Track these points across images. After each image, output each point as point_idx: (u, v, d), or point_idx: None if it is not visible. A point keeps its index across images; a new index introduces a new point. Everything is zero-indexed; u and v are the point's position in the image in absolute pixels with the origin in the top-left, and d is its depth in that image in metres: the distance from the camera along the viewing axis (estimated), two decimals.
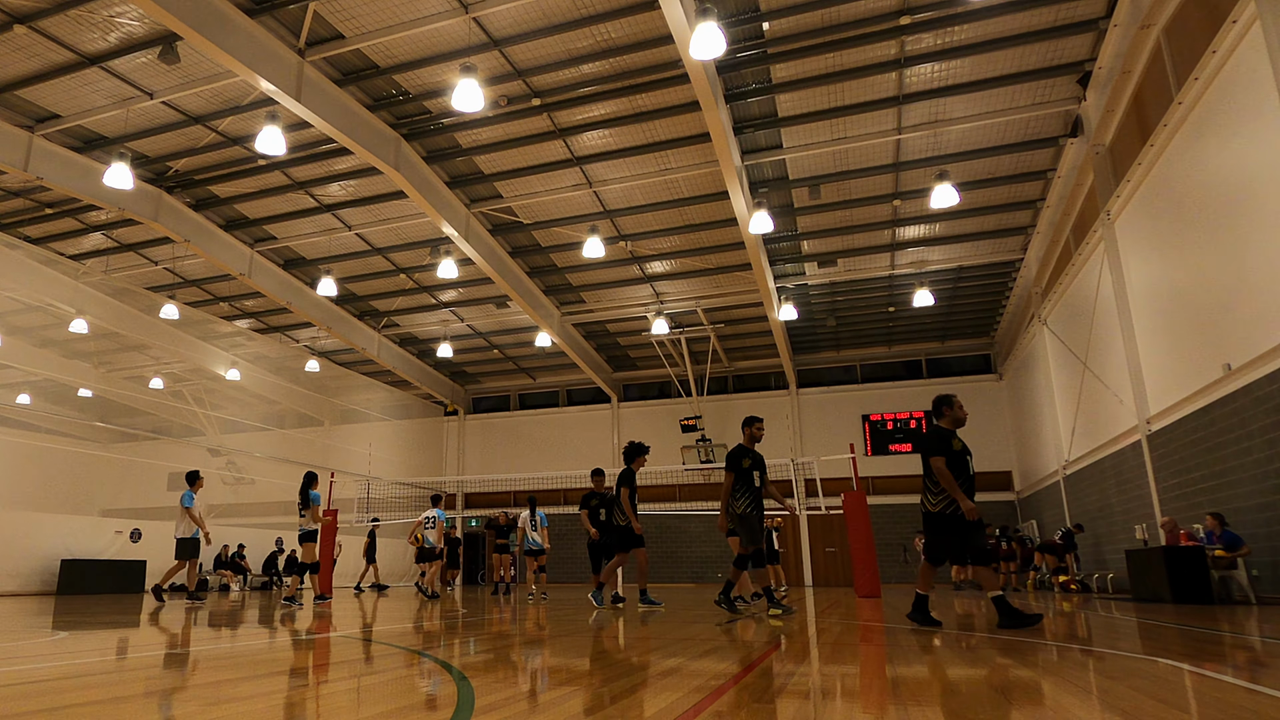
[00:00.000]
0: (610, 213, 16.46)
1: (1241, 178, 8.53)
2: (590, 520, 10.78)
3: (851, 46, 11.67)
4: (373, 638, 5.22)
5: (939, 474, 5.73)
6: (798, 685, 2.93)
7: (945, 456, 5.77)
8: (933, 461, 5.79)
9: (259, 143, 11.98)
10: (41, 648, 4.50)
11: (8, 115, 13.29)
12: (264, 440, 26.89)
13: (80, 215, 16.75)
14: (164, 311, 18.24)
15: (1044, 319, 17.09)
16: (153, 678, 3.21)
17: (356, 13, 11.25)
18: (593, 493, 10.94)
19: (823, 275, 18.99)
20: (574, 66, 12.30)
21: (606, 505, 10.63)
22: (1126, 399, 12.23)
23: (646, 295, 20.44)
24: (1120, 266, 12.15)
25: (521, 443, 26.52)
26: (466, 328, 22.73)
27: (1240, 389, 8.85)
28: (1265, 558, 8.70)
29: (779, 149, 14.08)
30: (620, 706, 2.49)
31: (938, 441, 5.87)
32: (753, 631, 5.56)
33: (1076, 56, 11.80)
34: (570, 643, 4.77)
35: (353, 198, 16.30)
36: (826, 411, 23.58)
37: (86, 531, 15.82)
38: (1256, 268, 8.38)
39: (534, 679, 3.15)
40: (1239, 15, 8.10)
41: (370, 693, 2.80)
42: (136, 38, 11.65)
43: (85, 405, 26.77)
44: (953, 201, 13.70)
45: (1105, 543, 14.35)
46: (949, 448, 5.81)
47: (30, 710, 2.39)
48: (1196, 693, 2.77)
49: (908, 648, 4.33)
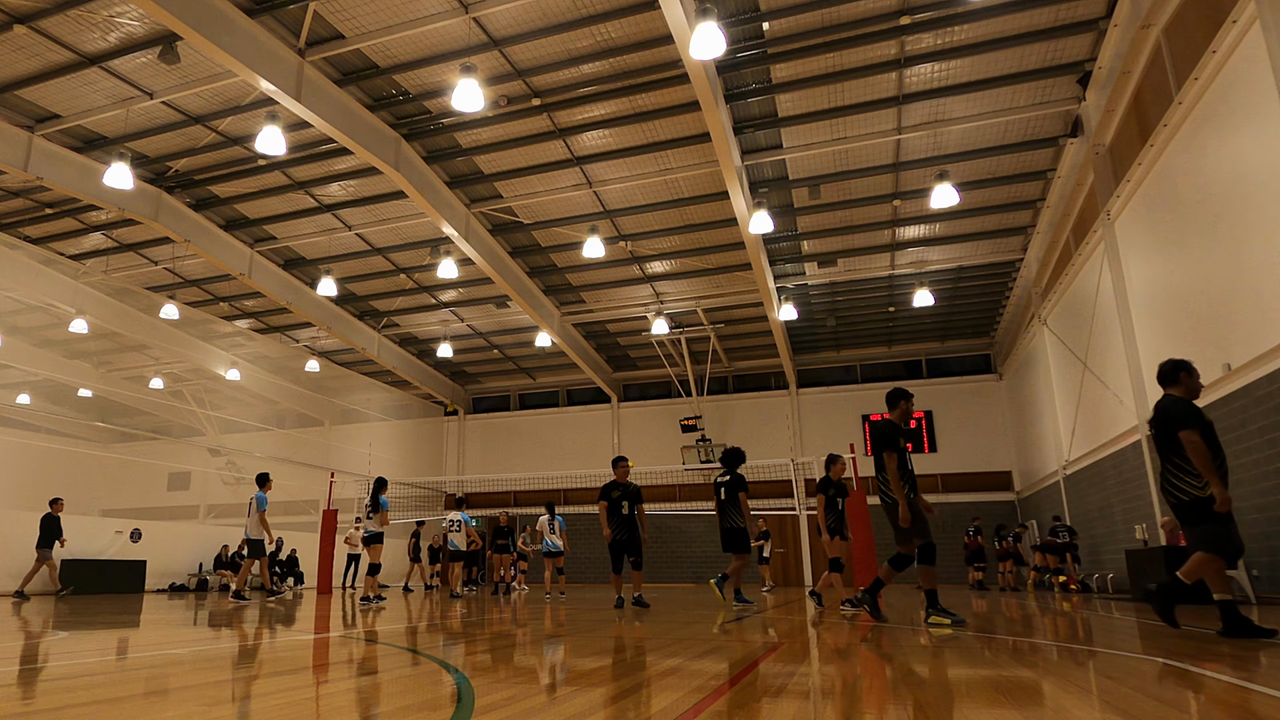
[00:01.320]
0: (610, 213, 16.46)
1: (1241, 178, 8.53)
2: (611, 513, 9.41)
3: (851, 46, 11.67)
4: (380, 638, 5.22)
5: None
6: (798, 685, 2.93)
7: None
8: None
9: (259, 143, 11.98)
10: (42, 647, 4.50)
11: (8, 115, 13.29)
12: (264, 440, 26.89)
13: (80, 215, 16.75)
14: (164, 311, 18.24)
15: (1044, 319, 17.09)
16: (153, 676, 3.21)
17: (356, 13, 11.24)
18: (615, 483, 9.56)
19: (823, 275, 18.99)
20: (574, 66, 12.30)
21: (630, 498, 9.43)
22: (1126, 399, 12.22)
23: (646, 295, 20.44)
24: (1120, 266, 12.15)
25: (521, 443, 26.52)
26: (466, 328, 22.73)
27: (1240, 389, 8.85)
28: (1265, 558, 8.70)
29: (779, 149, 14.08)
30: (620, 706, 2.49)
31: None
32: (758, 631, 5.56)
33: (1076, 56, 11.80)
34: (571, 643, 4.77)
35: (353, 198, 16.30)
36: (826, 411, 23.58)
37: (86, 531, 15.81)
38: (1256, 268, 8.38)
39: (534, 679, 3.15)
40: (1239, 15, 8.10)
41: (369, 692, 2.80)
42: (136, 38, 11.65)
43: (85, 405, 26.77)
44: (953, 201, 13.70)
45: (1105, 543, 14.35)
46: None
47: (30, 710, 2.39)
48: (1196, 693, 2.77)
49: (908, 648, 4.33)
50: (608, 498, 9.47)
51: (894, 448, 6.07)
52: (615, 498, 9.43)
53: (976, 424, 22.24)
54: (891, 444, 6.09)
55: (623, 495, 9.42)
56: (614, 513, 9.38)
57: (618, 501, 9.40)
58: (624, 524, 9.32)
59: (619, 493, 9.45)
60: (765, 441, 23.39)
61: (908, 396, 6.56)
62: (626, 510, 9.34)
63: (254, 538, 11.96)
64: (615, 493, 9.46)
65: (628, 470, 9.63)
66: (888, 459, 6.05)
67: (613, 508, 9.41)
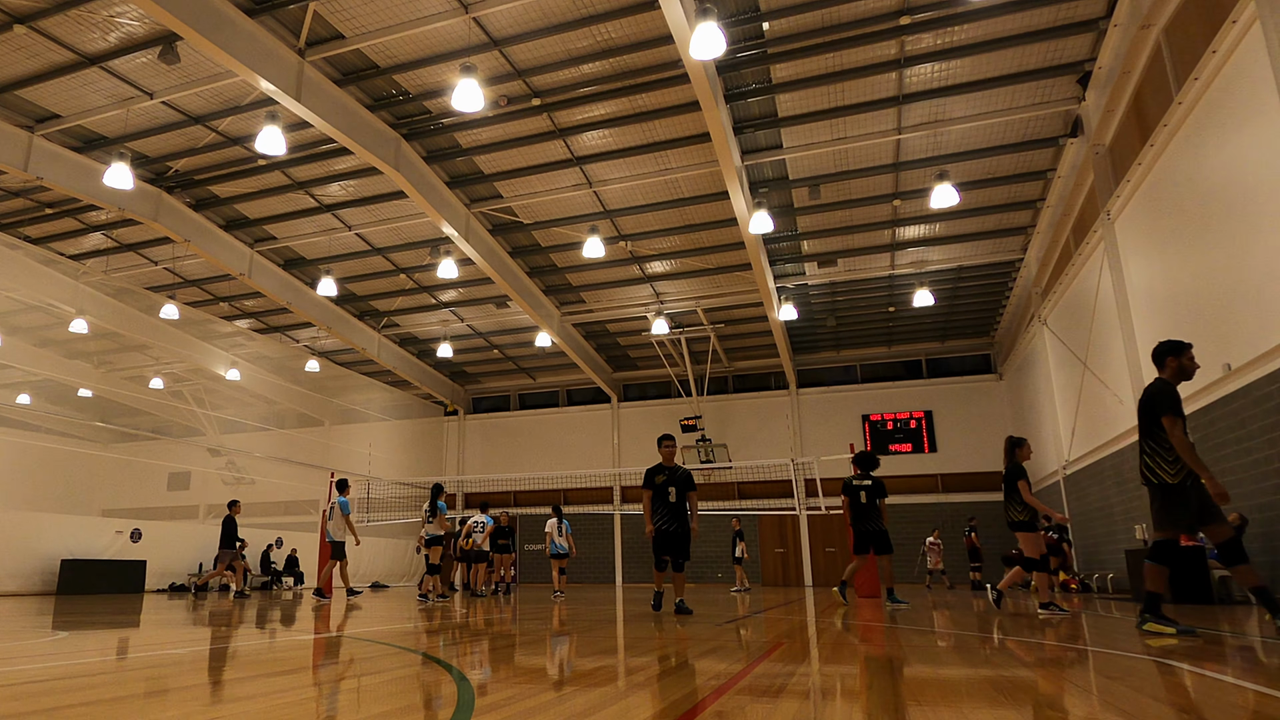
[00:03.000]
0: (610, 213, 16.46)
1: (1242, 178, 8.53)
2: (656, 502, 7.94)
3: (851, 46, 11.67)
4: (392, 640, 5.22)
5: None
6: (798, 685, 2.93)
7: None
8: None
9: (259, 143, 11.98)
10: (42, 647, 4.50)
11: (8, 115, 13.29)
12: (264, 440, 26.89)
13: (80, 215, 16.75)
14: (164, 311, 18.24)
15: (1044, 319, 17.09)
16: (152, 677, 3.21)
17: (356, 13, 11.24)
18: (660, 466, 8.12)
19: (823, 275, 18.99)
20: (574, 66, 12.30)
21: (679, 483, 8.00)
22: (1126, 399, 12.22)
23: (646, 295, 20.44)
24: (1120, 266, 12.15)
25: (521, 443, 26.52)
26: (466, 328, 22.73)
27: (1240, 389, 8.86)
28: (1265, 558, 8.70)
29: (779, 149, 14.07)
30: (621, 706, 2.49)
31: None
32: (756, 632, 5.56)
33: (1076, 56, 11.80)
34: (572, 642, 4.77)
35: (353, 198, 16.30)
36: (826, 411, 23.58)
37: (86, 531, 15.81)
38: (1256, 268, 8.38)
39: (535, 678, 3.16)
40: (1239, 15, 8.10)
41: (370, 692, 2.80)
42: (136, 38, 11.65)
43: (85, 405, 26.76)
44: (953, 201, 13.70)
45: (1105, 543, 14.35)
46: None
47: (29, 710, 2.39)
48: (1196, 693, 2.77)
49: (908, 648, 4.33)
50: (651, 484, 8.00)
51: (1177, 411, 5.00)
52: (660, 483, 7.99)
53: (976, 424, 22.22)
54: (1173, 406, 5.03)
55: (669, 480, 7.97)
56: (660, 501, 7.94)
57: (663, 487, 7.95)
58: (671, 513, 7.90)
59: (664, 477, 8.00)
60: (765, 441, 23.40)
61: (1183, 348, 5.27)
62: (674, 497, 7.91)
63: (337, 539, 12.44)
64: (660, 477, 8.02)
65: (674, 450, 8.16)
66: (1169, 425, 4.99)
67: (658, 495, 7.94)
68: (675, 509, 7.91)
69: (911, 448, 22.63)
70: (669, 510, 7.91)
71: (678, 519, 7.91)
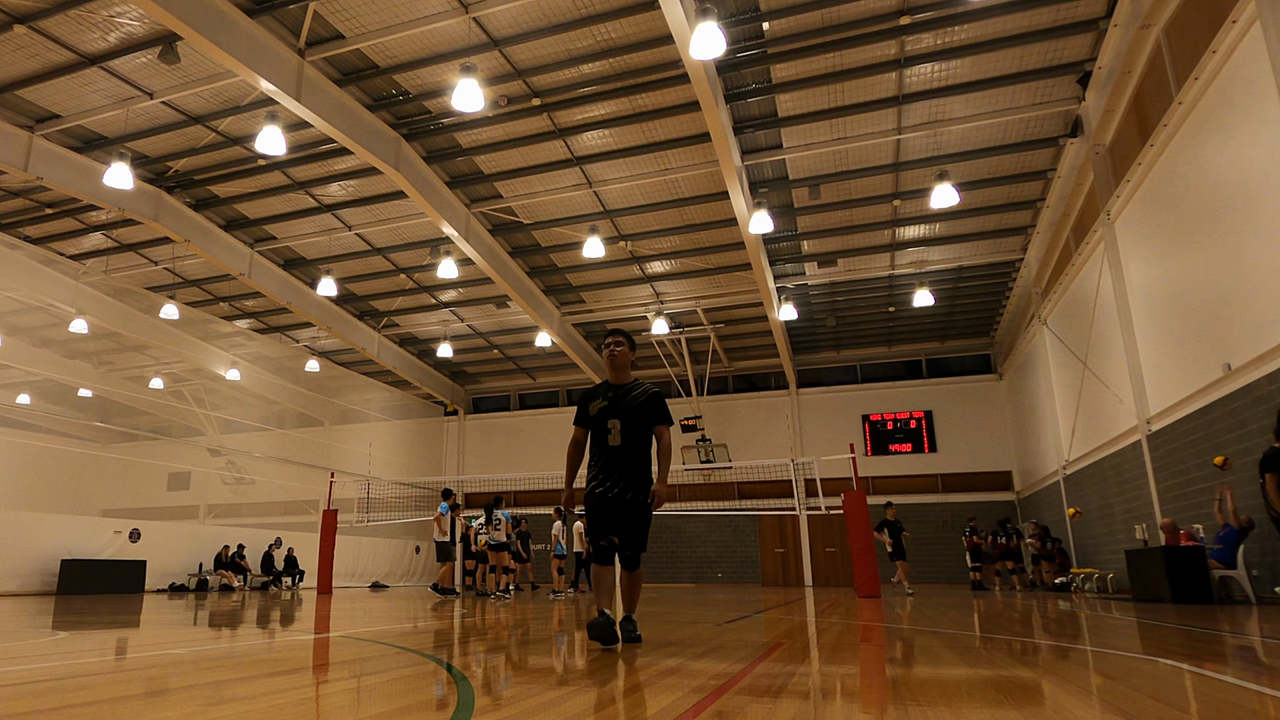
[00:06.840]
0: (610, 213, 16.45)
1: (1241, 178, 8.53)
2: (595, 448, 4.84)
3: (851, 46, 11.67)
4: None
5: None
6: (798, 685, 2.93)
7: None
8: None
9: (259, 143, 11.99)
10: (42, 648, 4.50)
11: (8, 115, 13.29)
12: (264, 440, 26.89)
13: (80, 215, 16.75)
14: (164, 311, 18.24)
15: (1044, 319, 17.09)
16: (152, 677, 3.21)
17: (356, 13, 11.25)
18: (601, 388, 5.09)
19: (823, 275, 18.99)
20: (574, 66, 12.30)
21: (629, 414, 4.90)
22: (1126, 399, 12.22)
23: (646, 295, 20.44)
24: (1120, 266, 12.15)
25: (521, 443, 26.50)
26: (466, 328, 22.73)
27: (1240, 389, 8.85)
28: (1265, 557, 8.70)
29: (779, 149, 14.07)
30: (621, 706, 2.49)
31: None
32: (756, 632, 5.56)
33: (1076, 56, 11.80)
34: (572, 643, 4.77)
35: (353, 198, 16.30)
36: (826, 411, 23.58)
37: (86, 531, 15.81)
38: (1256, 268, 8.38)
39: (535, 678, 3.15)
40: (1239, 15, 8.10)
41: (369, 692, 2.80)
42: (136, 38, 11.65)
43: (85, 405, 26.76)
44: (953, 201, 13.70)
45: (1105, 543, 14.35)
46: None
47: (29, 710, 2.39)
48: (1196, 693, 2.77)
49: (907, 648, 4.33)
50: (583, 419, 5.01)
51: None
52: (597, 415, 3.53)
53: (976, 424, 22.23)
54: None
55: (611, 408, 4.84)
56: (598, 445, 4.82)
57: (600, 422, 4.79)
58: (614, 465, 4.65)
59: (603, 404, 3.71)
60: (765, 441, 23.38)
61: None
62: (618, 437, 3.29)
63: (441, 541, 13.92)
64: (597, 404, 3.46)
65: (627, 357, 4.20)
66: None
67: (595, 436, 4.92)
68: (621, 458, 4.67)
69: (911, 448, 22.62)
70: (610, 459, 4.69)
71: (626, 475, 4.64)
